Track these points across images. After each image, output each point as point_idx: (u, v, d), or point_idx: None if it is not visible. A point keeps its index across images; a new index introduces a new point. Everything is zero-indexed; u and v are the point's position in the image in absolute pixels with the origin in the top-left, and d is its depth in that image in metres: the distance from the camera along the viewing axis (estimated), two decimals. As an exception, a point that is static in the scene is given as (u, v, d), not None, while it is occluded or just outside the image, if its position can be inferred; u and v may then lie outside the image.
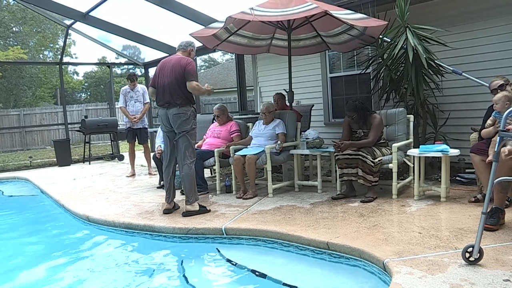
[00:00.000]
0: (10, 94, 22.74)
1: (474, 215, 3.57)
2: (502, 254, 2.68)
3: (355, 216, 3.76)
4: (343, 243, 3.03)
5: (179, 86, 4.16)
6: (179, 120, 4.17)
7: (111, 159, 10.30)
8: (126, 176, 7.29)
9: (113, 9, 9.85)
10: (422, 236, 3.10)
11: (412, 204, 4.08)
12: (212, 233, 3.74)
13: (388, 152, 4.46)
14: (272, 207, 4.29)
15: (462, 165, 5.18)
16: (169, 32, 22.41)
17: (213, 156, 5.20)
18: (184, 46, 4.41)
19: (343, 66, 7.09)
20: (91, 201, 5.30)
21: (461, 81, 5.31)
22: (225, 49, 6.00)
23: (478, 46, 5.22)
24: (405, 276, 2.43)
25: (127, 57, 12.15)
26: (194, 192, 4.26)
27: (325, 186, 5.05)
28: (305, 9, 4.25)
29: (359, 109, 4.56)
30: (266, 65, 8.25)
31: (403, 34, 4.85)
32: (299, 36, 5.79)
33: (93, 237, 4.18)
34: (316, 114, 7.13)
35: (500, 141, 2.60)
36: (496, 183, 2.71)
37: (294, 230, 3.42)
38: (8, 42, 22.84)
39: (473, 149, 3.87)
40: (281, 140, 5.00)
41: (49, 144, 16.82)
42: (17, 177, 8.27)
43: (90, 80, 30.29)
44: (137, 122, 7.16)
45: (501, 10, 4.99)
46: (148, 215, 4.33)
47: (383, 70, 5.33)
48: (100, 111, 18.36)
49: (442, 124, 5.42)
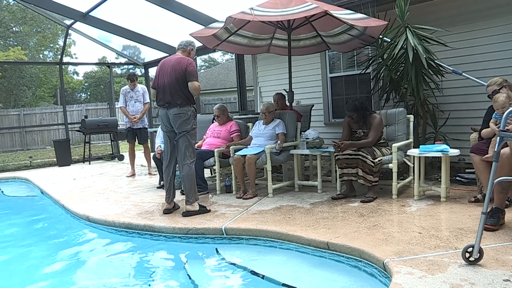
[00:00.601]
0: (10, 94, 22.75)
1: (474, 215, 3.57)
2: (502, 254, 2.68)
3: (355, 216, 3.76)
4: (343, 243, 3.03)
5: (179, 86, 4.16)
6: (180, 120, 4.17)
7: (111, 159, 10.30)
8: (126, 176, 7.29)
9: (113, 9, 9.89)
10: (422, 236, 3.10)
11: (412, 204, 4.08)
12: (212, 233, 3.74)
13: (388, 152, 4.47)
14: (272, 207, 4.29)
15: (462, 165, 5.19)
16: (169, 32, 22.40)
17: (213, 156, 5.20)
18: (184, 45, 4.40)
19: (343, 66, 7.09)
20: (91, 201, 5.31)
21: (461, 81, 5.31)
22: (225, 49, 6.00)
23: (478, 46, 5.22)
24: (405, 276, 2.43)
25: (127, 57, 12.15)
26: (194, 192, 4.26)
27: (325, 186, 5.05)
28: (305, 9, 4.25)
29: (359, 109, 4.56)
30: (266, 65, 8.25)
31: (403, 34, 4.85)
32: (299, 36, 5.79)
33: (93, 237, 4.18)
34: (316, 114, 7.13)
35: (500, 141, 2.60)
36: (496, 183, 2.71)
37: (294, 230, 3.42)
38: (8, 42, 22.85)
39: (473, 149, 3.87)
40: (281, 140, 5.00)
41: (49, 144, 16.82)
42: (17, 177, 8.27)
43: (90, 80, 30.30)
44: (137, 122, 7.16)
45: (501, 10, 4.99)
46: (148, 215, 4.33)
47: (383, 70, 5.34)
48: (100, 111, 18.36)
49: (442, 124, 5.42)
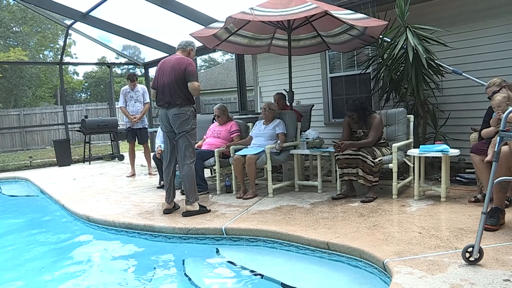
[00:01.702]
0: (10, 94, 22.75)
1: (474, 215, 3.58)
2: (502, 254, 2.68)
3: (355, 216, 3.76)
4: (343, 243, 3.03)
5: (179, 86, 4.15)
6: (179, 120, 4.17)
7: (111, 159, 10.30)
8: (126, 176, 7.29)
9: (113, 9, 9.84)
10: (422, 236, 3.10)
11: (412, 204, 4.08)
12: (212, 233, 3.74)
13: (388, 152, 4.47)
14: (272, 207, 4.29)
15: (462, 165, 5.19)
16: (169, 32, 22.38)
17: (213, 156, 5.20)
18: (184, 45, 4.40)
19: (343, 66, 7.09)
20: (91, 201, 5.31)
21: (461, 81, 5.31)
22: (225, 49, 6.00)
23: (478, 46, 5.22)
24: (405, 276, 2.43)
25: (127, 57, 12.13)
26: (194, 192, 4.26)
27: (325, 186, 5.05)
28: (305, 9, 4.25)
29: (359, 109, 4.56)
30: (266, 65, 8.25)
31: (403, 34, 4.85)
32: (299, 36, 5.79)
33: (93, 237, 4.18)
34: (316, 114, 7.13)
35: (500, 141, 2.60)
36: (496, 183, 2.71)
37: (294, 230, 3.42)
38: (9, 42, 22.85)
39: (473, 149, 3.87)
40: (281, 140, 5.00)
41: (49, 144, 16.83)
42: (17, 177, 8.27)
43: (90, 80, 30.30)
44: (137, 122, 7.16)
45: (501, 10, 5.00)
46: (148, 215, 4.34)
47: (383, 70, 5.34)
48: (100, 111, 18.36)
49: (442, 124, 5.42)
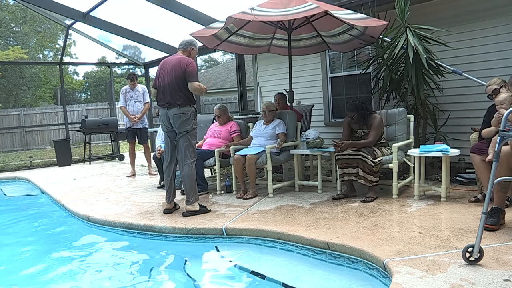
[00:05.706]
0: (10, 94, 22.75)
1: (474, 215, 3.58)
2: (502, 254, 2.68)
3: (356, 216, 3.76)
4: (343, 243, 3.03)
5: (179, 86, 4.15)
6: (180, 120, 4.17)
7: (112, 159, 10.30)
8: (126, 176, 7.29)
9: (113, 9, 9.82)
10: (422, 236, 3.11)
11: (413, 204, 4.08)
12: (213, 233, 3.74)
13: (388, 152, 4.47)
14: (273, 207, 4.29)
15: (462, 165, 5.19)
16: (169, 32, 22.37)
17: (214, 156, 5.20)
18: (185, 45, 4.39)
19: (343, 66, 7.09)
20: (92, 201, 5.31)
21: (461, 81, 5.31)
22: (225, 49, 6.00)
23: (478, 46, 5.22)
24: (405, 276, 2.44)
25: (127, 57, 12.13)
26: (195, 192, 4.26)
27: (325, 186, 5.05)
28: (305, 9, 4.25)
29: (360, 109, 4.56)
30: (267, 65, 8.25)
31: (403, 34, 4.85)
32: (299, 36, 5.79)
33: (93, 237, 4.18)
34: (317, 114, 7.13)
35: (501, 141, 2.60)
36: (496, 183, 2.71)
37: (294, 230, 3.42)
38: (8, 42, 22.85)
39: (473, 149, 3.87)
40: (282, 140, 5.00)
41: (49, 144, 16.82)
42: (17, 177, 8.27)
43: (90, 80, 30.29)
44: (137, 122, 7.16)
45: (501, 10, 4.99)
46: (149, 215, 4.34)
47: (383, 70, 5.34)
48: (100, 111, 18.36)
49: (442, 124, 5.42)
